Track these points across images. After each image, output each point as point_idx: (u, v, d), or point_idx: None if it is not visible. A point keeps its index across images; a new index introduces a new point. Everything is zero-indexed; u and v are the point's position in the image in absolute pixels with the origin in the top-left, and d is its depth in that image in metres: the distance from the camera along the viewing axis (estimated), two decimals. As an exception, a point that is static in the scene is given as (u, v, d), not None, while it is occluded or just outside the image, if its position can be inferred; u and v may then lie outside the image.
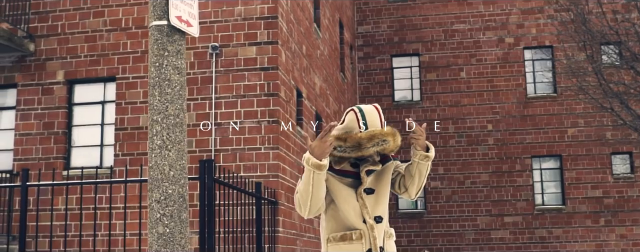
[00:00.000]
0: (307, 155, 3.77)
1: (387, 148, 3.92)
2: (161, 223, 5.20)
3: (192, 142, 12.96)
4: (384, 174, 4.11)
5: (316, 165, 3.72)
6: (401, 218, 23.06)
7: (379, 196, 4.06)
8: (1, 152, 13.87)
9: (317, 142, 3.71)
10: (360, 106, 4.03)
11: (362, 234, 3.92)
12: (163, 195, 5.25)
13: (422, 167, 4.05)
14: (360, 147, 3.83)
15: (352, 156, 3.92)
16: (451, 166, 23.18)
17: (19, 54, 13.93)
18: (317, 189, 3.82)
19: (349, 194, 3.98)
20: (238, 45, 13.21)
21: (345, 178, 4.02)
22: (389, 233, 4.08)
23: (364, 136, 3.82)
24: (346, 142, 3.88)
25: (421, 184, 4.11)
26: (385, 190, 4.09)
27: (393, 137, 3.87)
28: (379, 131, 3.83)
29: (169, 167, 5.29)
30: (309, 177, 3.79)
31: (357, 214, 3.96)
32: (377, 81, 24.35)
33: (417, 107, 23.77)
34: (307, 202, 3.87)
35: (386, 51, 24.52)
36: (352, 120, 3.94)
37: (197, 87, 13.16)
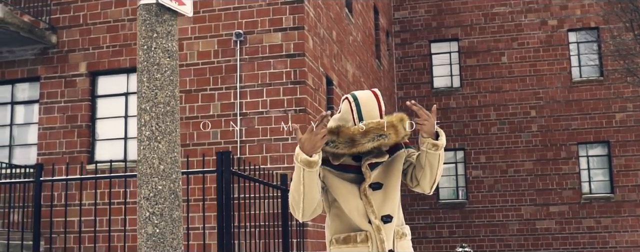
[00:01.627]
0: (296, 150, 3.30)
1: (388, 142, 3.40)
2: (150, 223, 4.70)
3: (217, 134, 12.50)
4: (393, 165, 3.56)
5: (305, 161, 3.24)
6: (442, 209, 22.38)
7: (387, 192, 3.52)
8: (26, 147, 13.58)
9: (308, 135, 3.23)
10: (355, 93, 3.49)
11: (368, 236, 3.47)
12: (152, 191, 4.74)
13: (431, 157, 3.48)
14: (354, 142, 3.35)
15: (345, 152, 3.41)
16: (493, 154, 22.40)
17: (41, 46, 13.61)
18: (309, 188, 3.33)
19: (351, 191, 3.49)
20: (263, 32, 12.68)
21: (347, 173, 3.51)
22: (400, 233, 3.57)
23: (357, 130, 3.33)
24: (339, 137, 3.37)
25: (435, 177, 3.55)
26: (395, 184, 3.55)
27: (394, 129, 3.37)
28: (375, 124, 3.34)
29: (158, 161, 4.78)
30: (299, 176, 3.31)
31: (361, 215, 3.48)
32: (415, 68, 23.65)
33: (457, 94, 23.02)
34: (299, 204, 3.40)
35: (424, 37, 23.79)
36: (346, 111, 3.45)
37: (222, 76, 12.68)
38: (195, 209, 12.02)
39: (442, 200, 22.52)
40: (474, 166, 22.46)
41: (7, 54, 13.85)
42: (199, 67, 12.80)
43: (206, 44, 12.83)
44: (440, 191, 22.64)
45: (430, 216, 22.39)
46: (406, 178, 3.68)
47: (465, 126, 22.69)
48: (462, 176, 22.58)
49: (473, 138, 22.59)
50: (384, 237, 3.44)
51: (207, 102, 12.61)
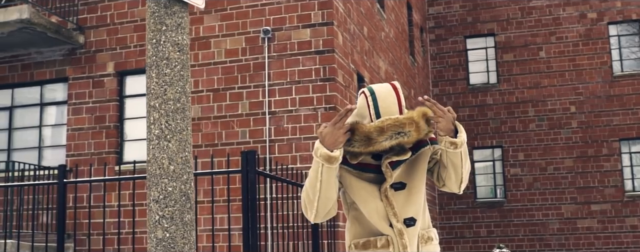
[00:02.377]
0: (316, 145, 3.04)
1: (409, 140, 3.07)
2: (160, 227, 4.43)
3: (245, 133, 12.24)
4: (417, 163, 3.25)
5: (325, 156, 2.99)
6: (479, 208, 21.89)
7: (411, 192, 3.23)
8: (55, 148, 13.48)
9: (330, 128, 2.98)
10: (372, 87, 3.20)
11: (389, 241, 3.19)
12: (162, 193, 4.47)
13: (452, 156, 3.16)
14: (371, 141, 3.05)
15: (362, 151, 3.09)
16: (532, 152, 21.84)
17: (69, 47, 13.49)
18: (326, 186, 3.07)
19: (370, 193, 3.20)
20: (291, 28, 12.39)
21: (366, 173, 3.22)
22: (426, 237, 3.30)
23: (374, 128, 3.02)
24: (354, 134, 3.06)
25: (461, 177, 3.23)
26: (419, 184, 3.24)
27: (415, 126, 3.05)
28: (393, 121, 3.03)
29: (168, 161, 4.50)
30: (317, 172, 3.04)
31: (381, 217, 3.20)
32: (450, 64, 23.19)
33: (493, 91, 22.50)
34: (313, 203, 3.13)
35: (459, 32, 23.31)
36: (363, 106, 3.17)
37: (250, 74, 12.42)
38: (223, 210, 11.78)
39: (479, 199, 22.03)
40: (512, 164, 21.93)
41: (36, 55, 13.76)
42: (226, 65, 12.55)
43: (234, 42, 12.58)
44: (477, 189, 22.15)
45: (468, 215, 21.92)
46: (433, 177, 3.38)
47: (503, 123, 22.17)
48: (500, 174, 22.07)
49: (511, 135, 22.06)
50: (406, 242, 3.17)
51: (235, 101, 12.36)
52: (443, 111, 3.09)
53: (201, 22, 12.84)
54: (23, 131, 13.76)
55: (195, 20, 12.88)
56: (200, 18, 12.86)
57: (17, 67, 13.88)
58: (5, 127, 13.93)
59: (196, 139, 12.48)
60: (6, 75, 13.92)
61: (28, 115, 13.81)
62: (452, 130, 3.12)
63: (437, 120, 3.08)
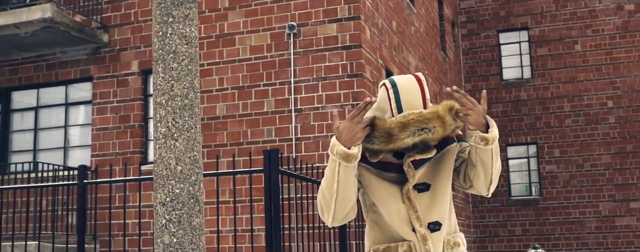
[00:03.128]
0: (332, 141, 2.76)
1: (433, 137, 2.77)
2: (167, 231, 4.15)
3: (271, 131, 11.96)
4: (442, 162, 2.95)
5: (343, 154, 2.71)
6: (514, 206, 21.39)
7: (435, 194, 2.93)
8: (80, 149, 13.33)
9: (347, 123, 2.69)
10: (394, 79, 2.89)
11: (411, 247, 2.91)
12: (169, 196, 4.19)
13: (482, 154, 2.84)
14: (391, 137, 2.77)
15: (382, 149, 2.81)
16: (568, 148, 21.28)
17: (93, 46, 13.33)
18: (344, 187, 2.79)
19: (391, 193, 2.91)
20: (317, 23, 12.08)
21: (387, 172, 2.93)
22: (452, 243, 3.01)
23: (395, 123, 2.74)
24: (374, 130, 2.78)
25: (490, 177, 2.90)
26: (444, 185, 2.94)
27: (441, 121, 2.75)
28: (416, 116, 2.73)
29: (175, 161, 4.22)
30: (334, 171, 2.76)
31: (403, 221, 2.91)
32: (483, 59, 22.70)
33: (528, 86, 21.97)
34: (330, 205, 2.85)
35: (492, 27, 22.81)
36: (383, 99, 2.88)
37: (275, 71, 12.14)
38: (247, 211, 11.52)
39: (514, 197, 21.52)
40: (547, 161, 21.38)
41: (60, 55, 13.63)
42: (251, 62, 12.29)
43: (259, 38, 12.31)
44: (511, 187, 21.64)
45: (502, 213, 21.43)
46: (459, 177, 3.06)
47: (538, 119, 21.64)
48: (535, 171, 21.54)
49: (546, 131, 21.52)
50: (430, 249, 2.89)
51: (261, 99, 12.09)
52: (473, 103, 2.76)
53: (225, 19, 12.59)
54: (49, 131, 13.64)
55: (219, 17, 12.64)
56: (224, 14, 12.61)
57: (42, 67, 13.76)
58: (31, 128, 13.82)
59: (221, 137, 12.24)
60: (31, 75, 13.81)
61: (53, 116, 13.68)
62: (483, 124, 2.80)
63: (466, 113, 2.75)
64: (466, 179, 3.00)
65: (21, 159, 13.66)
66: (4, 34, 12.58)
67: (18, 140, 13.89)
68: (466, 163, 2.97)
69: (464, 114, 2.77)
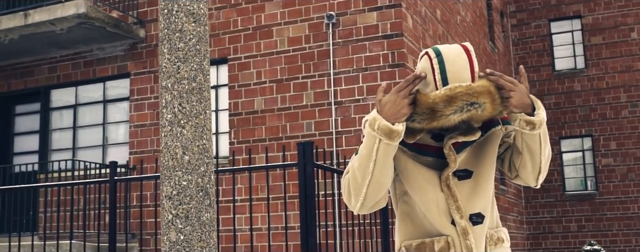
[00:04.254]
0: (372, 115, 2.44)
1: (482, 115, 2.44)
2: (174, 227, 3.76)
3: (311, 125, 11.55)
4: (486, 147, 2.63)
5: (387, 130, 2.39)
6: (569, 201, 20.59)
7: (478, 182, 2.60)
8: (118, 146, 13.12)
9: (392, 97, 2.40)
10: (439, 48, 2.51)
11: (450, 243, 2.56)
12: (175, 189, 3.81)
13: (529, 139, 2.51)
14: (435, 114, 2.42)
15: (424, 127, 2.47)
16: (625, 140, 20.40)
17: (130, 41, 13.10)
18: (381, 168, 2.45)
19: (429, 180, 2.57)
20: (357, 12, 11.62)
21: (424, 156, 2.59)
22: (495, 238, 2.67)
23: (440, 98, 2.39)
24: (415, 106, 2.44)
25: (539, 166, 2.56)
26: (488, 172, 2.62)
27: (491, 97, 2.42)
28: (464, 89, 2.39)
29: (182, 150, 3.84)
30: (372, 149, 2.42)
31: (442, 212, 2.56)
32: (534, 50, 21.94)
33: (581, 76, 21.14)
34: (361, 189, 2.48)
35: (543, 16, 22.03)
36: (425, 70, 2.50)
37: (314, 62, 11.72)
38: (290, 208, 11.12)
39: (568, 191, 20.72)
40: (603, 154, 20.53)
41: (98, 52, 13.44)
42: (289, 54, 11.90)
43: (296, 29, 11.91)
44: (566, 181, 20.84)
45: (556, 208, 20.64)
46: (503, 166, 2.71)
47: (592, 111, 20.79)
48: (591, 164, 20.70)
49: (601, 123, 20.67)
50: (472, 244, 2.55)
51: (300, 92, 11.69)
52: (513, 83, 2.42)
53: (262, 10, 12.22)
54: (87, 129, 13.47)
55: (256, 9, 12.27)
56: (261, 6, 12.25)
57: (80, 64, 13.60)
58: (70, 126, 13.67)
59: (260, 132, 11.87)
60: (69, 73, 13.65)
61: (91, 113, 13.50)
62: (528, 105, 2.47)
63: (507, 95, 2.43)
64: (511, 167, 2.66)
65: (61, 157, 13.52)
66: (40, 31, 12.43)
67: (58, 139, 13.75)
68: (511, 149, 2.65)
69: (505, 97, 2.42)
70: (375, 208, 2.58)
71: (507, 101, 2.44)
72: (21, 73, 14.11)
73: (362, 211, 2.55)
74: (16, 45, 13.11)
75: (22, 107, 14.30)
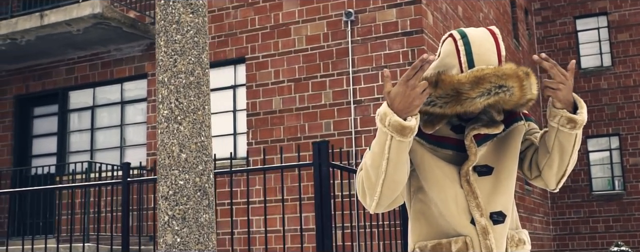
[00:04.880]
0: (382, 109, 2.25)
1: (509, 100, 2.28)
2: (170, 229, 3.56)
3: (330, 124, 11.33)
4: (508, 142, 2.47)
5: (398, 126, 2.20)
6: (596, 201, 20.15)
7: (499, 179, 2.43)
8: (136, 147, 12.99)
9: (401, 88, 2.19)
10: (463, 29, 2.38)
11: (468, 244, 2.39)
12: (171, 188, 3.61)
13: (564, 138, 2.37)
14: (460, 97, 2.26)
15: (446, 112, 2.31)
16: (654, 139, 19.95)
17: (147, 42, 12.97)
18: (394, 166, 2.27)
19: (448, 175, 2.41)
20: (375, 9, 11.39)
21: (442, 149, 2.43)
22: (516, 239, 2.49)
23: (466, 79, 2.24)
24: (437, 89, 2.28)
25: (565, 167, 2.43)
26: (510, 169, 2.46)
27: (519, 82, 2.26)
28: (493, 70, 2.24)
29: (179, 148, 3.64)
30: (384, 146, 2.25)
31: (460, 210, 2.40)
32: (559, 48, 21.53)
33: (608, 74, 20.71)
34: (375, 188, 2.32)
35: (568, 13, 21.62)
36: (450, 53, 2.34)
37: (332, 61, 11.50)
38: (306, 209, 10.90)
39: (596, 191, 20.28)
40: (631, 153, 20.07)
41: (115, 52, 13.33)
42: (308, 53, 11.69)
43: (314, 27, 11.70)
44: (593, 181, 20.40)
45: (583, 209, 20.22)
46: (523, 165, 2.55)
47: (619, 109, 20.35)
48: (618, 164, 20.25)
49: (629, 122, 20.22)
50: (492, 245, 2.38)
51: (318, 91, 11.48)
52: (565, 76, 2.29)
53: (280, 9, 12.03)
54: (105, 131, 13.36)
55: (274, 7, 12.08)
56: (279, 4, 12.05)
57: (98, 65, 13.50)
58: (87, 128, 13.57)
59: (278, 133, 11.67)
60: (87, 74, 13.56)
61: (110, 114, 13.39)
62: (571, 103, 2.33)
63: (556, 86, 2.28)
64: (532, 166, 2.50)
65: (79, 159, 13.42)
66: (56, 32, 12.34)
67: (76, 141, 13.66)
68: (534, 148, 2.50)
69: (553, 88, 2.25)
70: (393, 205, 2.43)
71: (554, 92, 2.28)
72: (39, 75, 14.05)
73: (379, 209, 2.39)
74: (33, 46, 13.04)
75: (40, 109, 14.23)
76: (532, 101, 2.35)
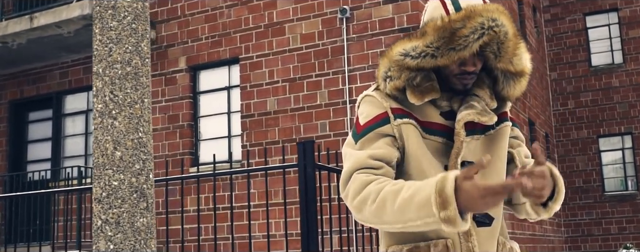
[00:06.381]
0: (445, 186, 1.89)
1: (503, 41, 2.13)
2: (103, 235, 3.20)
3: (325, 125, 10.98)
4: (497, 142, 2.28)
5: (451, 220, 1.88)
6: (609, 202, 19.64)
7: (487, 179, 2.19)
8: (130, 152, 12.69)
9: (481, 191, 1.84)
10: None
11: (449, 248, 2.18)
12: (105, 190, 3.25)
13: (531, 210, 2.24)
14: (453, 38, 2.09)
15: (440, 63, 2.12)
16: (667, 137, 19.45)
17: (141, 43, 12.67)
18: (401, 226, 2.02)
19: (434, 166, 2.18)
20: (371, 5, 11.02)
21: (430, 135, 2.21)
22: (508, 247, 2.31)
23: (457, 16, 2.11)
24: (425, 38, 2.13)
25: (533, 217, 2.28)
26: (498, 170, 2.26)
27: (507, 18, 2.16)
28: (483, 6, 2.12)
29: (113, 145, 3.29)
30: (412, 222, 1.96)
31: None
32: (569, 45, 21.06)
33: (619, 72, 20.22)
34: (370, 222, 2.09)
35: (577, 10, 21.15)
36: (436, 5, 2.21)
37: (328, 60, 11.15)
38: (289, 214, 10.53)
39: (608, 192, 19.78)
40: (644, 152, 19.59)
41: (108, 55, 13.05)
42: (302, 51, 11.34)
43: (309, 25, 11.35)
44: (605, 181, 19.90)
45: (595, 210, 19.71)
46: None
47: (632, 107, 19.85)
48: (631, 163, 19.74)
49: (642, 120, 19.74)
50: (474, 248, 2.17)
51: (313, 91, 11.13)
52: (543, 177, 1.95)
53: (274, 7, 11.69)
54: (99, 135, 13.07)
55: (268, 5, 11.75)
56: (273, 2, 11.72)
57: (91, 68, 13.20)
58: (82, 132, 13.29)
59: (273, 134, 11.33)
60: (81, 77, 13.28)
61: (103, 118, 13.11)
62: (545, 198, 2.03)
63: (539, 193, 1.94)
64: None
65: (74, 164, 13.14)
66: (47, 34, 12.08)
67: (70, 145, 13.38)
68: (513, 165, 2.32)
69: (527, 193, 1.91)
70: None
71: (527, 196, 1.98)
72: (33, 79, 13.80)
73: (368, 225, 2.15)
74: (25, 50, 12.79)
75: (35, 114, 13.98)
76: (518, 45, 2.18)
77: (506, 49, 2.15)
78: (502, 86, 2.27)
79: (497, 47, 2.15)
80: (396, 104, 2.20)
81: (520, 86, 2.27)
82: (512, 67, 2.20)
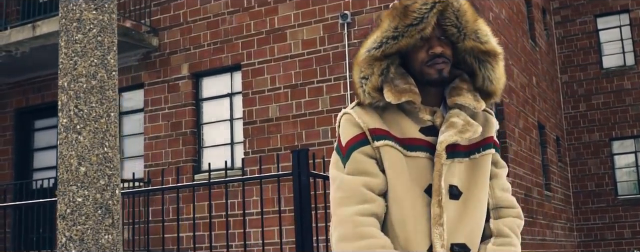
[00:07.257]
0: None
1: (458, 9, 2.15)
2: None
3: (327, 132, 10.89)
4: (479, 168, 2.22)
5: None
6: (622, 206, 19.40)
7: (466, 206, 2.15)
8: (133, 159, 12.66)
9: None
10: None
11: None
12: (69, 206, 3.18)
13: None
14: (407, 12, 2.12)
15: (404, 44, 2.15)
16: (681, 139, 19.19)
17: (144, 51, 12.66)
18: None
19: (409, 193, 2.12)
20: (372, 10, 10.93)
21: (412, 152, 2.15)
22: None
23: None
24: (381, 26, 2.22)
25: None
26: (479, 197, 2.19)
27: None
28: None
29: (78, 161, 3.22)
30: None
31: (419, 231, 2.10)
32: (580, 47, 20.85)
33: (631, 73, 19.98)
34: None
35: (588, 11, 20.94)
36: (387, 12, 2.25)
37: (329, 65, 11.07)
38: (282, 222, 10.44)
39: (621, 196, 19.54)
40: (657, 155, 19.33)
41: (112, 62, 13.04)
42: (304, 57, 11.27)
43: (311, 31, 11.28)
44: (618, 185, 19.66)
45: (608, 214, 19.48)
46: None
47: (644, 109, 19.63)
48: (644, 166, 19.52)
49: (655, 122, 19.50)
50: None
51: (315, 97, 11.05)
52: None
53: (275, 13, 11.63)
54: (104, 143, 13.06)
55: (269, 11, 11.69)
56: (274, 8, 11.66)
57: (95, 76, 13.22)
58: (86, 140, 13.30)
59: (275, 141, 11.25)
60: (85, 85, 13.28)
61: (108, 126, 13.10)
62: None
63: None
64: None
65: (79, 172, 13.14)
66: (50, 43, 12.06)
67: (75, 153, 13.39)
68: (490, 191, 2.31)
69: None
70: None
71: None
72: (38, 87, 13.81)
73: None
74: (29, 58, 12.79)
75: (41, 122, 13.99)
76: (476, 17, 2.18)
77: (466, 18, 2.13)
78: (481, 77, 2.22)
79: (455, 17, 2.13)
80: (374, 123, 2.13)
81: (498, 69, 2.24)
82: (481, 44, 2.19)
